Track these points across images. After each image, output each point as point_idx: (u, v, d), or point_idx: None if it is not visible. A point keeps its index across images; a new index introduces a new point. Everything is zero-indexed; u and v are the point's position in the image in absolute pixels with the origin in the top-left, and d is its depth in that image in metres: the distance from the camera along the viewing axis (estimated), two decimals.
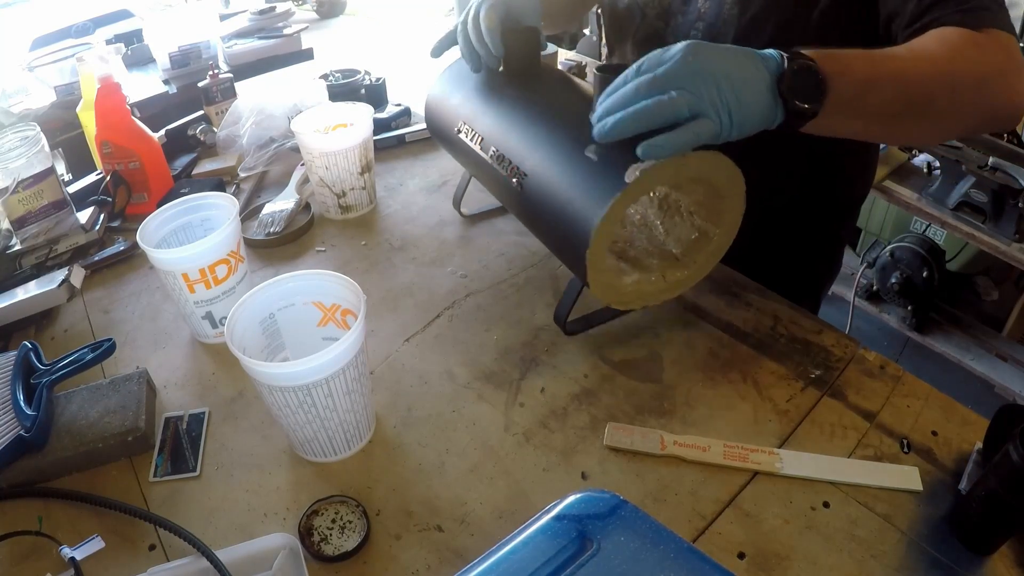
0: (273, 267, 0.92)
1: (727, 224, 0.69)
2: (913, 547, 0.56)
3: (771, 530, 0.57)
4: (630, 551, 0.41)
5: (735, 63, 0.58)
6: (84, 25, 1.66)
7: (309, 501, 0.61)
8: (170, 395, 0.74)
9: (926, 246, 2.09)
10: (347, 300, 0.66)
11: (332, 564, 0.57)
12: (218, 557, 0.53)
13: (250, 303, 0.64)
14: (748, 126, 0.59)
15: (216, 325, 0.79)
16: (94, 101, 1.00)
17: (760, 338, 0.76)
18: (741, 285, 0.83)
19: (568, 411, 0.69)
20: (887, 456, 0.63)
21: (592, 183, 0.63)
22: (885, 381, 0.70)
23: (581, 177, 0.64)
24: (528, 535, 0.42)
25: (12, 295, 0.84)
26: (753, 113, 0.58)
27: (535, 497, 0.61)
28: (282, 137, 1.16)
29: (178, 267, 0.73)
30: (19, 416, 0.64)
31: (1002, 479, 0.52)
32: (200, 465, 0.65)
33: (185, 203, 0.80)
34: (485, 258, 0.90)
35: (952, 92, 0.63)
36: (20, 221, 0.93)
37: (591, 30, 3.00)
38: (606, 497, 0.45)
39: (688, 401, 0.69)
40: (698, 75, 0.57)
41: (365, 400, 0.64)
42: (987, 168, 1.75)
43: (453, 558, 0.57)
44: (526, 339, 0.77)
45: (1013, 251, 1.78)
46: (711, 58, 0.58)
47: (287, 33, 1.68)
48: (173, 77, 1.46)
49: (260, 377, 0.58)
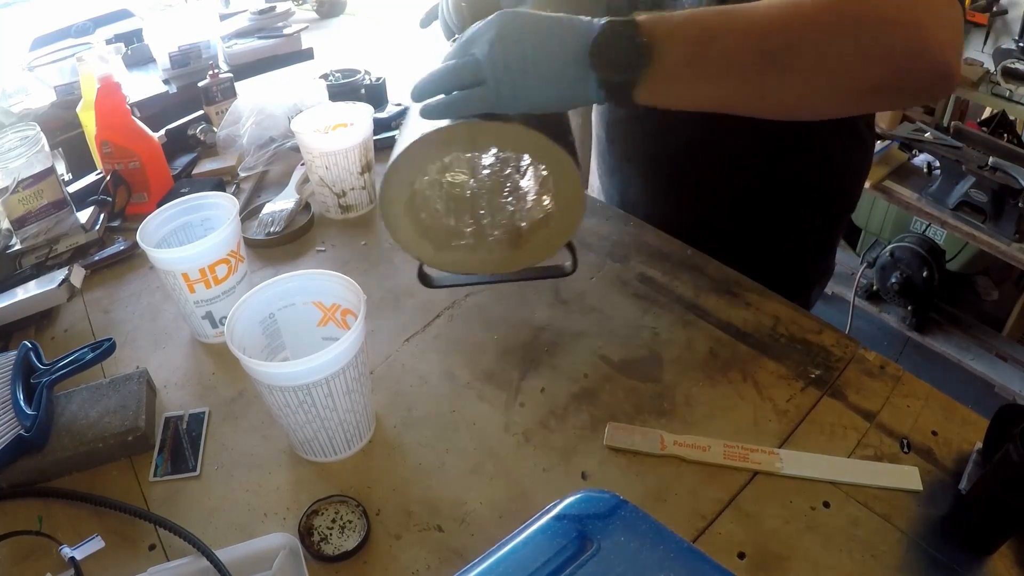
0: (273, 267, 0.92)
1: (563, 206, 0.66)
2: (913, 547, 0.56)
3: (771, 530, 0.57)
4: (630, 551, 0.41)
5: (542, 31, 0.55)
6: (84, 25, 1.66)
7: (309, 501, 0.61)
8: (170, 395, 0.74)
9: (926, 246, 2.09)
10: (347, 300, 0.66)
11: (332, 564, 0.57)
12: (218, 557, 0.53)
13: (250, 303, 0.64)
14: (541, 99, 0.56)
15: (216, 325, 0.79)
16: (94, 101, 1.00)
17: (760, 338, 0.76)
18: (741, 285, 0.84)
19: (568, 411, 0.69)
20: (887, 456, 0.63)
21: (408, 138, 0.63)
22: (885, 381, 0.70)
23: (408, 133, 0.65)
24: (528, 535, 0.42)
25: (12, 295, 0.84)
26: (545, 85, 0.55)
27: (535, 497, 0.61)
28: (282, 137, 1.16)
29: (178, 267, 0.73)
30: (19, 416, 0.64)
31: (1002, 479, 0.52)
32: (200, 465, 0.65)
33: (185, 203, 0.80)
34: None
35: (822, 35, 0.51)
36: (20, 221, 0.93)
37: None
38: (606, 497, 0.45)
39: (688, 401, 0.69)
40: (492, 42, 0.55)
41: (365, 400, 0.64)
42: (987, 168, 1.75)
43: (453, 558, 0.57)
44: (526, 339, 0.77)
45: (1013, 251, 1.78)
46: (518, 25, 0.55)
47: (287, 33, 1.68)
48: (173, 77, 1.46)
49: (260, 377, 0.58)
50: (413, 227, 0.69)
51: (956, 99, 2.27)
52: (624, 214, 0.98)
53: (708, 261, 0.88)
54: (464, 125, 0.60)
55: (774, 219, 0.94)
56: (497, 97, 0.56)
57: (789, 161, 0.89)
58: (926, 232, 2.18)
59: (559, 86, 0.55)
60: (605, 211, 0.98)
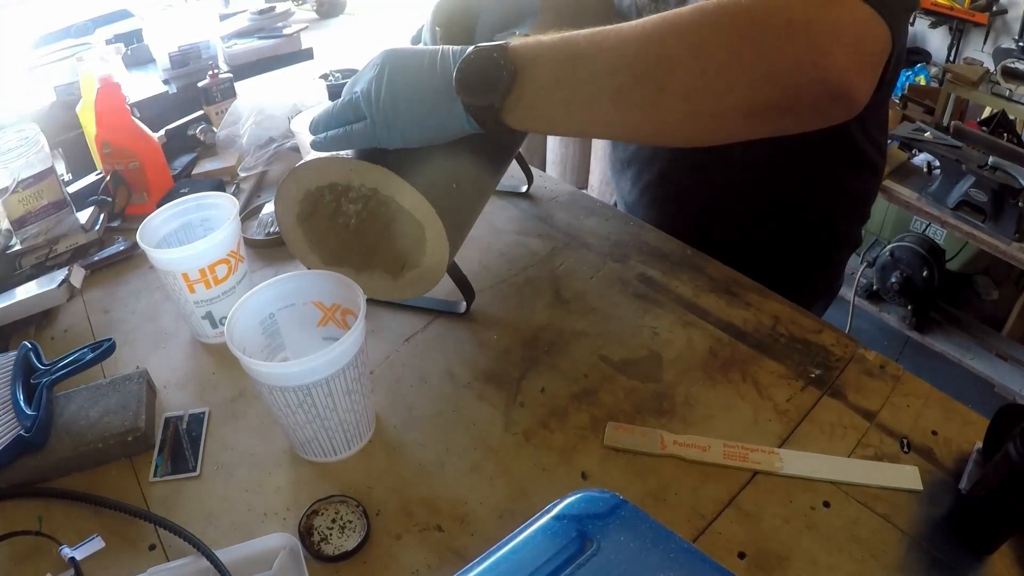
0: (273, 267, 0.92)
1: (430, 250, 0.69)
2: (913, 547, 0.56)
3: (771, 530, 0.57)
4: (630, 551, 0.41)
5: (418, 65, 0.56)
6: (84, 25, 1.66)
7: (309, 501, 0.61)
8: (170, 395, 0.74)
9: (926, 246, 2.09)
10: (347, 300, 0.66)
11: (332, 564, 0.57)
12: (218, 557, 0.53)
13: (250, 303, 0.64)
14: (415, 131, 0.57)
15: (216, 325, 0.79)
16: (94, 101, 1.00)
17: (760, 338, 0.76)
18: (741, 285, 0.84)
19: (568, 411, 0.69)
20: (887, 456, 0.63)
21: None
22: (885, 381, 0.70)
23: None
24: (528, 535, 0.43)
25: (12, 295, 0.84)
26: (418, 117, 0.56)
27: (535, 497, 0.61)
28: (282, 137, 1.16)
29: (178, 267, 0.73)
30: (19, 416, 0.64)
31: (1002, 479, 0.52)
32: (200, 465, 0.65)
33: (185, 203, 0.80)
34: (485, 258, 0.90)
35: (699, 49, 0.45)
36: (20, 221, 0.93)
37: None
38: (606, 497, 0.45)
39: (688, 401, 0.69)
40: (372, 79, 0.58)
41: (365, 400, 0.64)
42: (987, 168, 1.76)
43: (453, 558, 0.57)
44: (526, 339, 0.77)
45: (1013, 251, 1.78)
46: (397, 61, 0.57)
47: (287, 33, 1.68)
48: (173, 77, 1.46)
49: (260, 377, 0.58)
50: (305, 240, 0.75)
51: (956, 99, 2.27)
52: (624, 214, 0.99)
53: (708, 261, 0.88)
54: (342, 160, 0.66)
55: (778, 238, 0.95)
56: (374, 132, 0.59)
57: (796, 183, 0.89)
58: (926, 232, 2.18)
59: (430, 117, 0.56)
60: (605, 211, 0.98)
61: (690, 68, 0.46)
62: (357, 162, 0.66)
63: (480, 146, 0.75)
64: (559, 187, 1.04)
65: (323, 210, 0.72)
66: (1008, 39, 2.45)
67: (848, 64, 0.44)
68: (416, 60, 0.56)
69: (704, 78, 0.46)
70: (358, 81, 0.62)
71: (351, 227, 0.73)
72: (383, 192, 0.67)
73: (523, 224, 0.96)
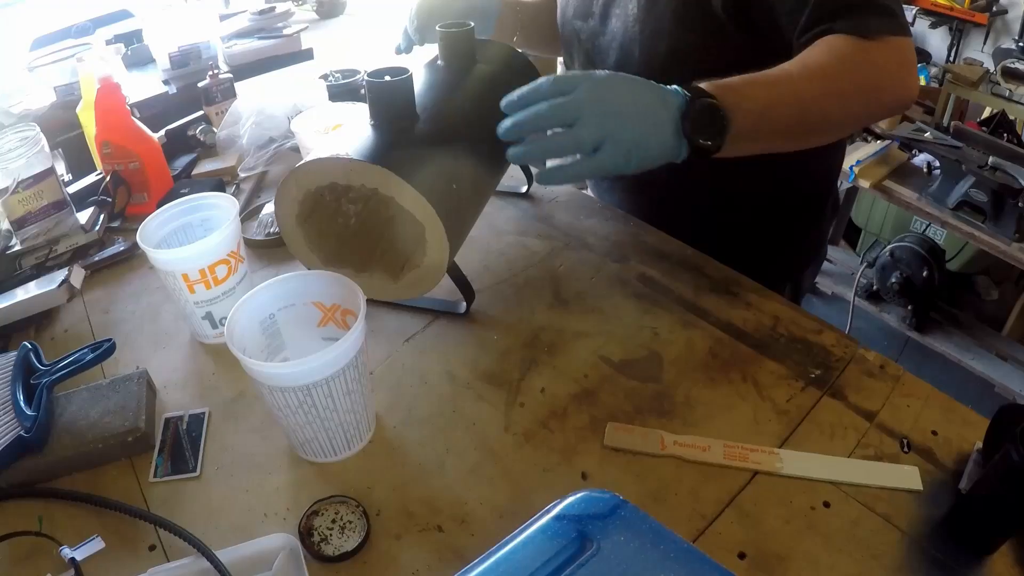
0: (273, 267, 0.92)
1: (431, 252, 0.70)
2: (913, 547, 0.56)
3: (771, 530, 0.57)
4: (630, 551, 0.41)
5: (641, 101, 0.62)
6: (84, 25, 1.66)
7: (309, 501, 0.61)
8: (170, 395, 0.74)
9: (926, 246, 2.09)
10: (347, 300, 0.66)
11: (332, 564, 0.57)
12: (218, 557, 0.53)
13: (250, 303, 0.64)
14: (649, 161, 0.63)
15: (216, 325, 0.79)
16: (94, 101, 1.00)
17: (760, 338, 0.76)
18: (741, 285, 0.84)
19: (568, 411, 0.69)
20: (887, 456, 0.63)
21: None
22: (885, 381, 0.70)
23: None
24: (528, 535, 0.43)
25: (12, 295, 0.84)
26: (655, 150, 0.62)
27: (535, 497, 0.61)
28: (282, 137, 1.16)
29: (178, 267, 0.73)
30: (19, 416, 0.64)
31: (1002, 479, 0.52)
32: (200, 465, 0.65)
33: (185, 203, 0.80)
34: (485, 258, 0.90)
35: (844, 106, 0.68)
36: (20, 221, 0.93)
37: None
38: (606, 497, 0.45)
39: (688, 401, 0.69)
40: (607, 114, 0.61)
41: (365, 400, 0.64)
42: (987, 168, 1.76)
43: (453, 558, 0.57)
44: (526, 339, 0.77)
45: (1013, 251, 1.78)
46: (618, 93, 0.62)
47: (287, 33, 1.68)
48: (173, 77, 1.46)
49: (260, 377, 0.58)
50: (305, 240, 0.75)
51: (956, 99, 2.27)
52: (624, 214, 0.99)
53: (708, 261, 0.88)
54: (341, 160, 0.66)
55: (758, 208, 0.96)
56: (623, 163, 0.62)
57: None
58: (926, 232, 2.18)
59: (665, 152, 0.63)
60: (605, 211, 0.98)
61: (837, 118, 0.70)
62: (357, 162, 0.66)
63: (480, 146, 0.75)
64: (559, 187, 1.04)
65: (323, 210, 0.72)
66: (1008, 39, 2.45)
67: (914, 83, 0.71)
68: (642, 97, 0.63)
69: (844, 121, 0.72)
70: (578, 111, 0.62)
71: (351, 227, 0.73)
72: (383, 192, 0.67)
73: (523, 224, 0.96)
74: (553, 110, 0.62)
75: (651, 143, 0.62)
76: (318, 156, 0.68)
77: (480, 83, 0.84)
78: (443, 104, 0.77)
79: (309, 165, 0.68)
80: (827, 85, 0.66)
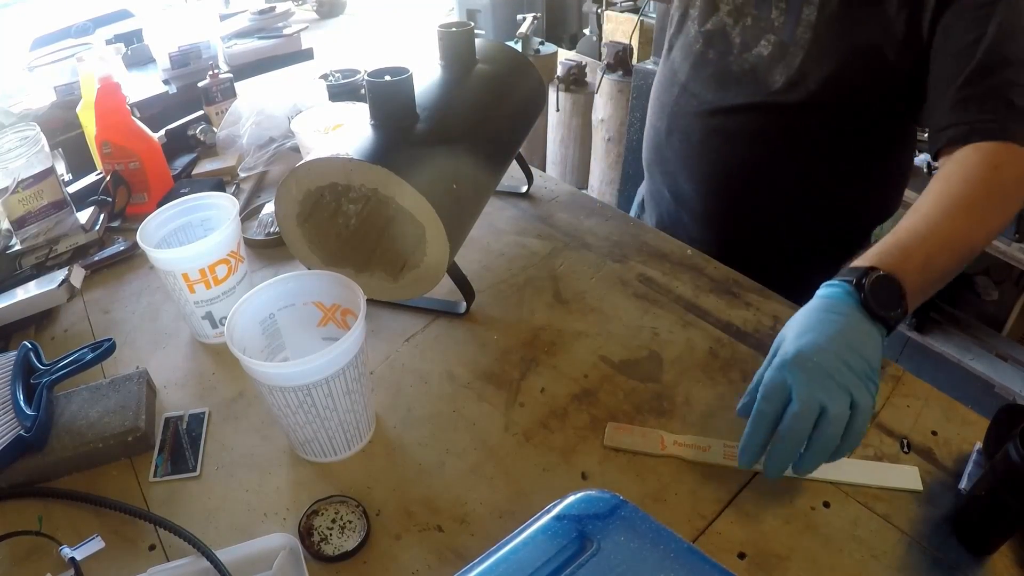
0: (273, 267, 0.92)
1: (432, 253, 0.70)
2: (913, 547, 0.56)
3: (771, 530, 0.57)
4: (630, 551, 0.41)
5: (849, 339, 0.58)
6: (84, 25, 1.67)
7: (309, 501, 0.61)
8: (170, 395, 0.74)
9: None
10: (347, 300, 0.66)
11: (332, 564, 0.57)
12: (218, 557, 0.53)
13: (250, 303, 0.64)
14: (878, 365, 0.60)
15: (216, 325, 0.79)
16: (94, 101, 1.00)
17: (760, 338, 0.76)
18: (741, 285, 0.84)
19: (568, 411, 0.69)
20: (887, 456, 0.63)
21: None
22: (885, 381, 0.70)
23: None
24: (528, 535, 0.43)
25: (12, 295, 0.84)
26: (878, 355, 0.59)
27: (535, 497, 0.61)
28: (282, 137, 1.16)
29: (178, 267, 0.73)
30: (19, 416, 0.64)
31: (1002, 479, 0.52)
32: (200, 465, 0.65)
33: (185, 203, 0.80)
34: (485, 258, 0.90)
35: (990, 232, 0.70)
36: (20, 221, 0.93)
37: (591, 30, 3.00)
38: (606, 497, 0.45)
39: (688, 401, 0.69)
40: (840, 386, 0.55)
41: (365, 400, 0.64)
42: None
43: (453, 558, 0.57)
44: (526, 339, 0.77)
45: (1013, 251, 1.78)
46: (834, 355, 0.57)
47: (287, 33, 1.68)
48: (173, 77, 1.46)
49: (260, 377, 0.58)
50: (305, 240, 0.75)
51: None
52: (623, 214, 0.99)
53: (708, 261, 0.88)
54: (341, 160, 0.66)
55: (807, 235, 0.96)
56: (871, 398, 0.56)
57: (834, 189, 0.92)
58: None
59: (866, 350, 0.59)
60: (605, 211, 0.98)
61: (984, 243, 0.70)
62: (357, 162, 0.66)
63: (480, 146, 0.75)
64: (559, 187, 1.04)
65: (323, 210, 0.72)
66: None
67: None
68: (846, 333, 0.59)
69: (991, 238, 0.71)
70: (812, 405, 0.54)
71: (351, 227, 0.73)
72: (383, 192, 0.67)
73: (523, 224, 0.96)
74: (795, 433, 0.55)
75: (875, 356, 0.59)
76: (318, 156, 0.68)
77: (480, 83, 0.84)
78: (443, 104, 0.77)
79: (309, 165, 0.68)
80: (974, 220, 0.68)
